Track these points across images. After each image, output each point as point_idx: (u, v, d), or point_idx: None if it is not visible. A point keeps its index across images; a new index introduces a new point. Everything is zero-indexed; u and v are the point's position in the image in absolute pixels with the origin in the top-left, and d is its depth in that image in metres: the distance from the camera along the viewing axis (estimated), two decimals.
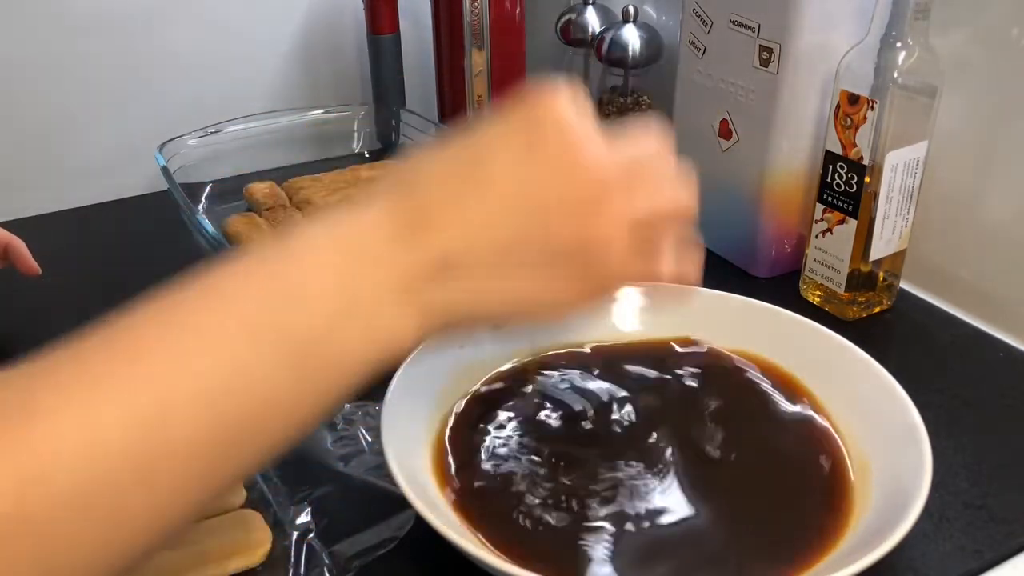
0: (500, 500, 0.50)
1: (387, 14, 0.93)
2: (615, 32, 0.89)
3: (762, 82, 0.69)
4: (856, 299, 0.69)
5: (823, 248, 0.69)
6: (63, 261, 0.77)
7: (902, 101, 0.62)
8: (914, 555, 0.49)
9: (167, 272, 0.38)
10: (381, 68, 0.96)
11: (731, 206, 0.75)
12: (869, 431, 0.53)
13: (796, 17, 0.65)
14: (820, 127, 0.69)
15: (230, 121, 0.89)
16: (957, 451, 0.55)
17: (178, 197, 0.76)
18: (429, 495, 0.48)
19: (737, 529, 0.48)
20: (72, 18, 0.86)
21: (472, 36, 0.91)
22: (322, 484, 0.52)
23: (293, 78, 0.99)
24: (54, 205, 0.88)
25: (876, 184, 0.64)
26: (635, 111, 0.92)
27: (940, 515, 0.51)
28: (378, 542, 0.49)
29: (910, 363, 0.58)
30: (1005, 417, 0.60)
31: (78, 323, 0.34)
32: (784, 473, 0.52)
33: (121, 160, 0.92)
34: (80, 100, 0.89)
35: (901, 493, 0.46)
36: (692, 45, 0.75)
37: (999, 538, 0.50)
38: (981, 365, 0.65)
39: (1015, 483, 0.54)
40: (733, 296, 0.62)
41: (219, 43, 0.93)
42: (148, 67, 0.91)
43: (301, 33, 0.97)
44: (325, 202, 0.82)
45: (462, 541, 0.43)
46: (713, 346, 0.61)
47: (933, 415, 0.51)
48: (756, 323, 0.60)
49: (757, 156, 0.72)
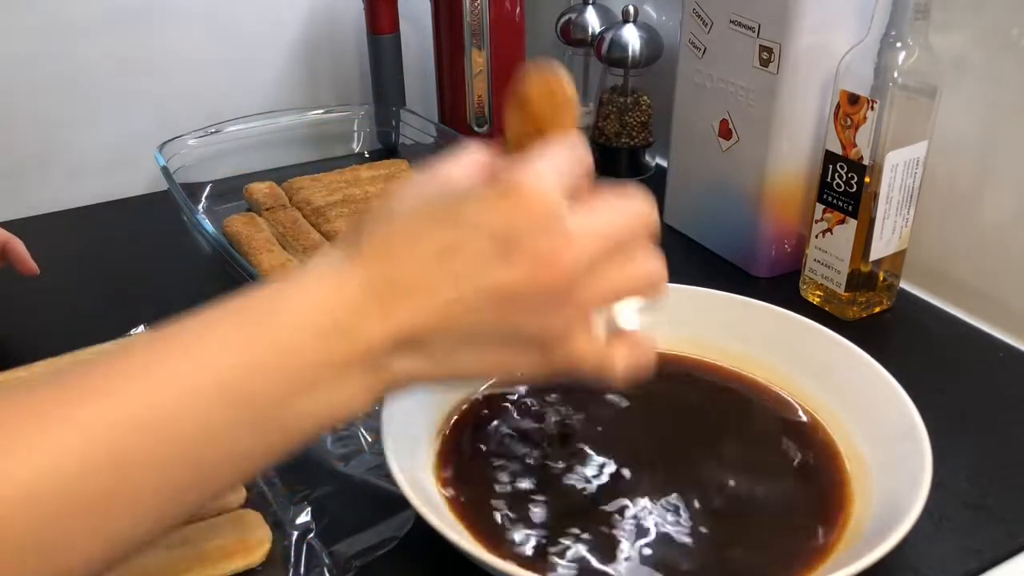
0: (500, 500, 0.50)
1: (387, 14, 0.93)
2: (615, 32, 0.89)
3: (762, 82, 0.69)
4: (856, 299, 0.69)
5: (823, 248, 0.69)
6: (63, 261, 0.77)
7: (902, 101, 0.62)
8: (914, 555, 0.49)
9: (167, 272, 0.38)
10: (381, 68, 0.96)
11: (731, 206, 0.75)
12: (869, 431, 0.53)
13: (796, 17, 0.65)
14: (820, 127, 0.69)
15: (230, 121, 0.89)
16: (957, 451, 0.55)
17: (178, 197, 0.76)
18: (429, 495, 0.48)
19: (737, 529, 0.48)
20: (72, 18, 0.86)
21: (472, 36, 0.91)
22: (322, 484, 0.52)
23: (293, 78, 0.99)
24: (54, 205, 0.88)
25: (876, 184, 0.64)
26: (635, 111, 0.92)
27: (940, 515, 0.51)
28: (378, 542, 0.49)
29: (910, 363, 0.58)
30: (1005, 417, 0.60)
31: (77, 323, 0.34)
32: (784, 473, 0.52)
33: (121, 160, 0.92)
34: (80, 100, 0.89)
35: (901, 493, 0.46)
36: (692, 45, 0.75)
37: (999, 538, 0.50)
38: (981, 365, 0.65)
39: (1015, 483, 0.54)
40: (733, 296, 0.62)
41: (219, 43, 0.93)
42: (148, 67, 0.91)
43: (301, 33, 0.97)
44: (325, 201, 0.82)
45: (462, 541, 0.43)
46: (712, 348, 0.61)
47: (933, 415, 0.51)
48: (756, 323, 0.60)
49: (757, 156, 0.72)
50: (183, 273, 0.77)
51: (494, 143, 0.41)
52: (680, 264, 0.78)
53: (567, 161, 0.38)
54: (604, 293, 0.38)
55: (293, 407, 0.34)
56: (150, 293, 0.73)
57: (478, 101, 0.94)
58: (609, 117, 0.93)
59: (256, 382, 0.33)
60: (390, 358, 0.36)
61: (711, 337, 0.61)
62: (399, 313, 0.35)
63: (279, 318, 0.34)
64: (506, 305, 0.36)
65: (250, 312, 0.35)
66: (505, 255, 0.35)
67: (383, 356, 0.35)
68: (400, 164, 0.90)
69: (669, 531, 0.48)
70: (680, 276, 0.64)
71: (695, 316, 0.61)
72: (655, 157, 0.96)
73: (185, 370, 0.33)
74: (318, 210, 0.81)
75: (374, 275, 0.35)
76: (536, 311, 0.36)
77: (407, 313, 0.35)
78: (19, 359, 0.59)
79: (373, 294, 0.35)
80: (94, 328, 0.63)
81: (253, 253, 0.74)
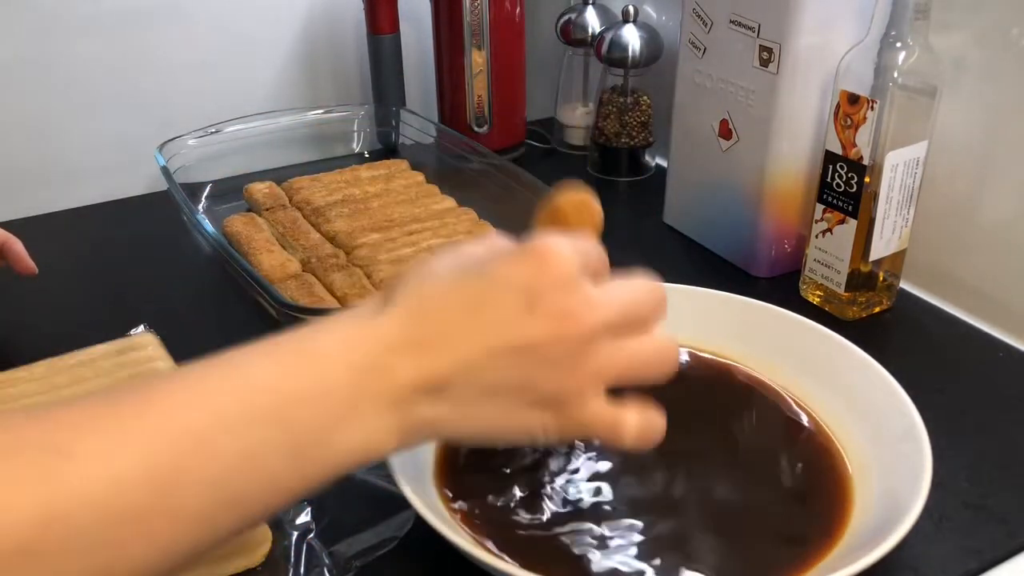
0: (500, 500, 0.50)
1: (387, 14, 0.93)
2: (615, 32, 0.89)
3: (762, 82, 0.69)
4: (856, 299, 0.69)
5: (823, 248, 0.69)
6: (63, 261, 0.77)
7: (902, 101, 0.62)
8: (914, 555, 0.49)
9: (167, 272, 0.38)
10: (381, 68, 0.96)
11: (731, 206, 0.75)
12: (869, 431, 0.53)
13: (796, 17, 0.65)
14: (820, 127, 0.69)
15: (230, 121, 0.89)
16: (957, 451, 0.55)
17: (178, 197, 0.76)
18: (429, 495, 0.48)
19: (736, 528, 0.48)
20: (71, 18, 0.86)
21: (472, 36, 0.91)
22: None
23: (293, 78, 0.99)
24: (54, 205, 0.88)
25: (876, 184, 0.64)
26: (635, 111, 0.92)
27: (940, 515, 0.51)
28: (378, 542, 0.49)
29: (910, 363, 0.58)
30: (1005, 417, 0.60)
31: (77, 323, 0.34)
32: (784, 473, 0.52)
33: (121, 160, 0.92)
34: (80, 100, 0.89)
35: (901, 493, 0.46)
36: (692, 45, 0.75)
37: (999, 538, 0.50)
38: (981, 365, 0.65)
39: (1015, 483, 0.54)
40: (733, 296, 0.62)
41: (219, 43, 0.93)
42: (148, 67, 0.91)
43: (301, 33, 0.97)
44: (325, 201, 0.82)
45: (462, 541, 0.43)
46: (711, 348, 0.61)
47: (933, 415, 0.51)
48: (756, 323, 0.60)
49: (757, 156, 0.72)
50: (183, 273, 0.77)
51: None
52: (680, 264, 0.79)
53: (586, 246, 0.41)
54: (620, 361, 0.40)
55: (326, 436, 0.36)
56: (150, 293, 0.73)
57: (478, 101, 0.94)
58: (609, 117, 0.93)
59: (292, 409, 0.35)
60: (417, 402, 0.37)
61: (711, 337, 0.61)
62: (428, 358, 0.37)
63: (317, 352, 0.37)
64: (527, 358, 0.38)
65: (288, 345, 0.37)
66: (530, 310, 0.38)
67: (411, 398, 0.37)
68: (400, 164, 0.90)
69: (668, 530, 0.48)
70: (680, 276, 0.65)
71: (695, 316, 0.61)
72: (655, 157, 0.96)
73: (229, 394, 0.35)
74: (318, 210, 0.81)
75: (406, 323, 0.38)
76: (555, 367, 0.38)
77: (435, 359, 0.37)
78: (19, 359, 0.59)
79: (404, 339, 0.37)
80: (94, 328, 0.63)
81: (253, 253, 0.74)
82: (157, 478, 0.32)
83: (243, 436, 0.34)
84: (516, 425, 0.40)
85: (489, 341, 0.38)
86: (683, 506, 0.50)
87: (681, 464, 0.52)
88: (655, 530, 0.48)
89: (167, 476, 0.33)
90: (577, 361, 0.38)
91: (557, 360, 0.38)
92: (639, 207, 0.89)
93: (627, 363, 0.40)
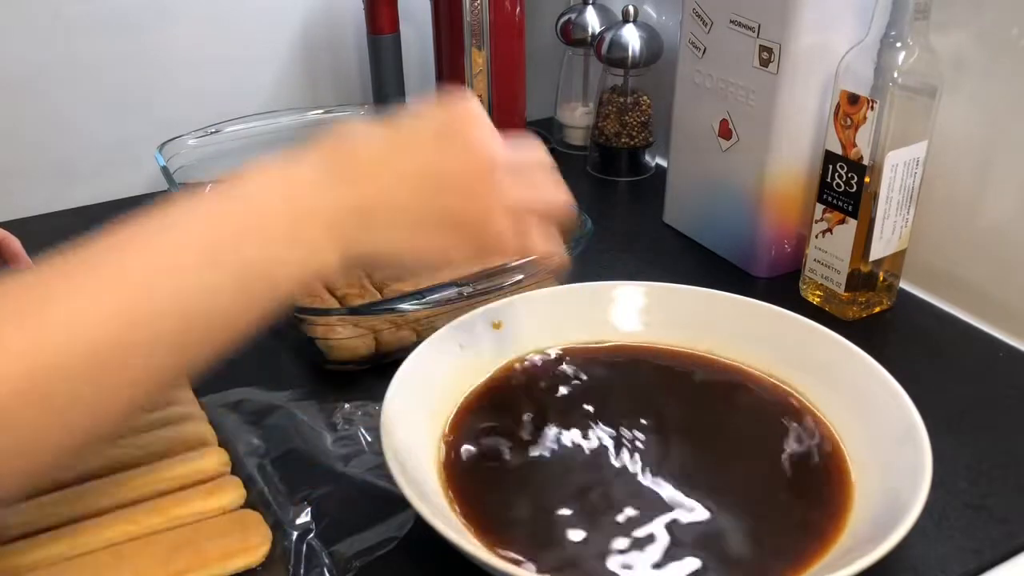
0: (500, 500, 0.50)
1: (387, 14, 0.93)
2: (615, 32, 0.89)
3: (762, 82, 0.69)
4: (856, 299, 0.69)
5: (823, 248, 0.69)
6: None
7: (902, 101, 0.62)
8: (914, 555, 0.49)
9: None
10: (381, 68, 0.96)
11: (731, 206, 0.75)
12: (869, 431, 0.53)
13: (796, 17, 0.65)
14: (820, 127, 0.69)
15: (230, 121, 0.89)
16: (957, 451, 0.55)
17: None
18: (429, 495, 0.48)
19: (737, 529, 0.48)
20: (72, 18, 0.86)
21: (472, 36, 0.91)
22: (322, 484, 0.52)
23: (293, 78, 0.99)
24: (54, 205, 0.88)
25: (876, 184, 0.64)
26: (635, 111, 0.92)
27: (940, 515, 0.51)
28: (378, 542, 0.49)
29: (910, 363, 0.58)
30: (1005, 417, 0.60)
31: None
32: (784, 473, 0.52)
33: (121, 160, 0.92)
34: (80, 100, 0.89)
35: (901, 493, 0.46)
36: (692, 45, 0.75)
37: (999, 538, 0.50)
38: (981, 365, 0.65)
39: (1015, 483, 0.54)
40: (733, 296, 0.62)
41: (219, 43, 0.93)
42: (148, 67, 0.91)
43: (301, 33, 0.97)
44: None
45: (462, 541, 0.43)
46: (712, 348, 0.61)
47: (933, 415, 0.51)
48: (756, 323, 0.60)
49: (757, 156, 0.72)
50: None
51: None
52: (680, 264, 0.79)
53: None
54: (521, 192, 0.46)
55: (275, 268, 0.40)
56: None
57: None
58: (609, 117, 0.93)
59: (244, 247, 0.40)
60: (348, 223, 0.42)
61: (711, 337, 0.61)
62: (351, 186, 0.42)
63: (247, 195, 0.41)
64: (438, 185, 0.44)
65: (218, 196, 0.41)
66: (441, 147, 0.44)
67: (344, 219, 0.42)
68: None
69: (669, 531, 0.48)
70: (680, 276, 0.65)
71: (695, 316, 0.61)
72: (655, 157, 0.96)
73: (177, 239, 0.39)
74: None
75: (329, 161, 0.43)
76: (463, 192, 0.44)
77: (357, 187, 0.43)
78: None
79: (329, 173, 0.42)
80: None
81: None
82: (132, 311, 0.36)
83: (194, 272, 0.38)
84: (434, 248, 0.45)
85: (402, 167, 0.43)
86: (680, 508, 0.49)
87: (679, 464, 0.52)
88: (655, 530, 0.48)
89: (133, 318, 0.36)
90: (483, 187, 0.44)
91: (465, 187, 0.44)
92: (639, 207, 0.89)
93: (526, 188, 0.46)
